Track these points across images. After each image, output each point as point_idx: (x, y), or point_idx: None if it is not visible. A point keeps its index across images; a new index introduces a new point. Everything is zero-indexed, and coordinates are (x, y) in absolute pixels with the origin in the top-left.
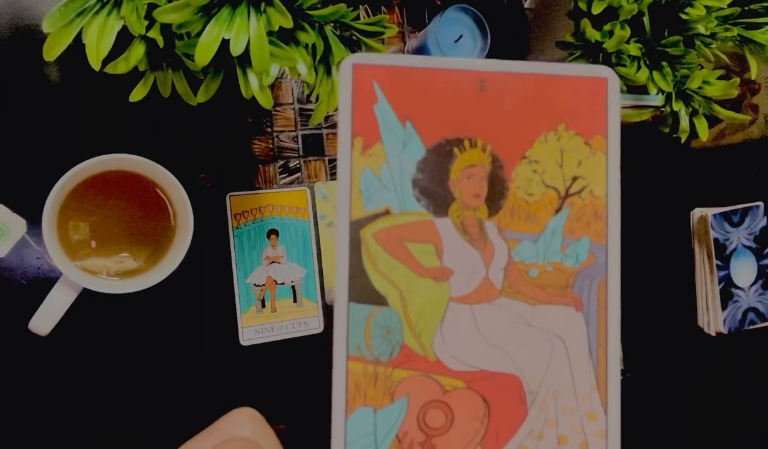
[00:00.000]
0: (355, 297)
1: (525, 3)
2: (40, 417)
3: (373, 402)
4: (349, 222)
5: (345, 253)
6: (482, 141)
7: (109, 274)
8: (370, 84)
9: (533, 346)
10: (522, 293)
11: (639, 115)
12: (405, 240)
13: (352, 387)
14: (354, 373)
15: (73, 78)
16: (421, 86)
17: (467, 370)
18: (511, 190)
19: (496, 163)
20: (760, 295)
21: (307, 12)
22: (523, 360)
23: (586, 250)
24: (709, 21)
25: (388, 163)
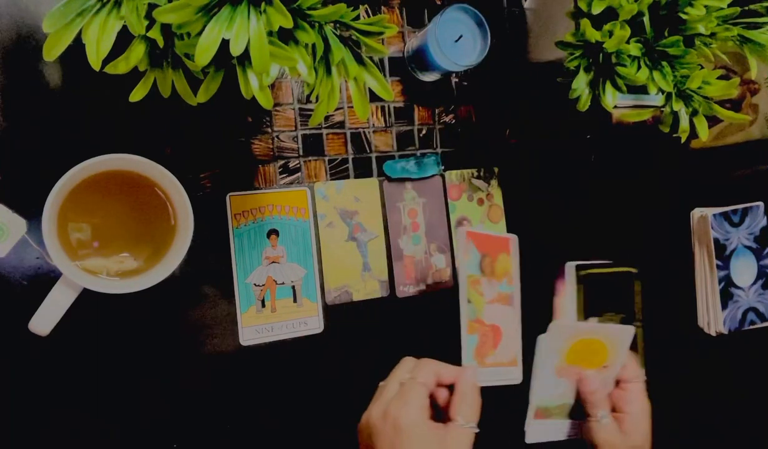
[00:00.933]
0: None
1: (525, 3)
2: (40, 417)
3: None
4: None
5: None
6: None
7: (109, 274)
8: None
9: None
10: None
11: (639, 115)
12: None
13: None
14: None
15: (73, 78)
16: None
17: None
18: None
19: None
20: (760, 295)
21: (307, 12)
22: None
23: None
24: (709, 21)
25: None
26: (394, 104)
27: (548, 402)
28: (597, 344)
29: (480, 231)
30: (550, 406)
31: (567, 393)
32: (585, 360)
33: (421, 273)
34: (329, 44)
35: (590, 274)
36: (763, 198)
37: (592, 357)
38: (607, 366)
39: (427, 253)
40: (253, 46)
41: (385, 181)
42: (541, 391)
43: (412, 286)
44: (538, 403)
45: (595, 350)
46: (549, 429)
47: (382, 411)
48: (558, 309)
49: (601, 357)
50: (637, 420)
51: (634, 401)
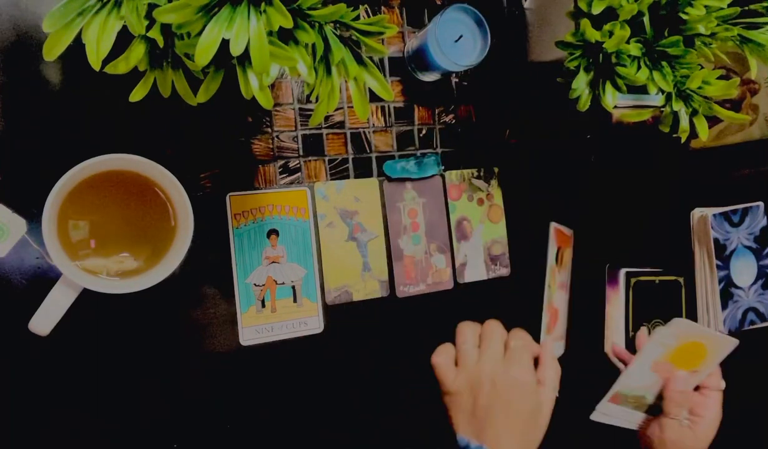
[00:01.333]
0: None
1: (525, 3)
2: (40, 417)
3: None
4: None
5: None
6: None
7: (109, 274)
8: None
9: None
10: None
11: (639, 115)
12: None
13: None
14: None
15: (73, 78)
16: None
17: None
18: None
19: None
20: (760, 295)
21: (307, 12)
22: None
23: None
24: (709, 21)
25: None
26: (394, 104)
27: (630, 390)
28: (701, 349)
29: (558, 227)
30: (629, 395)
31: (650, 387)
32: (682, 361)
33: (421, 273)
34: (329, 44)
35: (640, 282)
36: (763, 198)
37: (690, 359)
38: (697, 371)
39: (427, 253)
40: (253, 46)
41: (385, 181)
42: (629, 379)
43: (412, 286)
44: (620, 389)
45: (697, 354)
46: (615, 415)
47: (497, 370)
48: (609, 317)
49: (697, 361)
50: (709, 427)
51: (711, 408)
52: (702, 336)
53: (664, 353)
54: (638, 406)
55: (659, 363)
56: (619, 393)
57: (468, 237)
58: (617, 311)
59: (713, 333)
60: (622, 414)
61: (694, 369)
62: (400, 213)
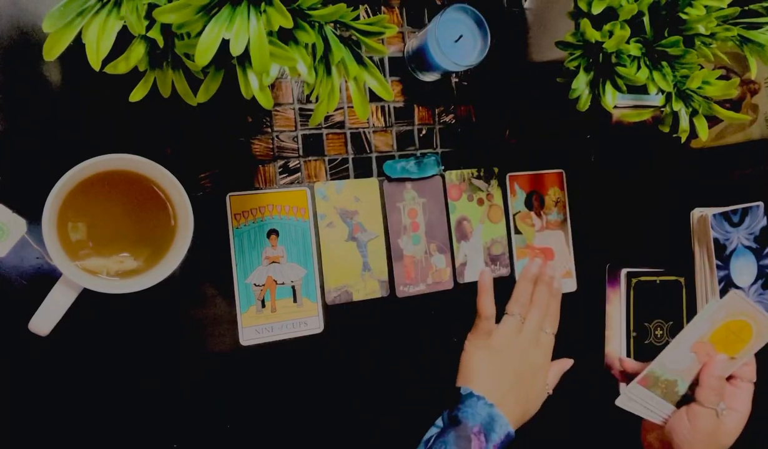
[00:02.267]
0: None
1: (525, 3)
2: (41, 417)
3: None
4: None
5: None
6: None
7: (109, 274)
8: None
9: None
10: None
11: (639, 115)
12: None
13: None
14: None
15: (73, 78)
16: None
17: None
18: None
19: None
20: (760, 295)
21: (307, 12)
22: None
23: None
24: (709, 21)
25: None
26: (394, 104)
27: (664, 371)
28: (746, 330)
29: (523, 173)
30: (661, 377)
31: (686, 371)
32: (724, 343)
33: (421, 273)
34: (329, 44)
35: (641, 282)
36: (763, 198)
37: (733, 342)
38: (735, 358)
39: (427, 253)
40: (253, 46)
41: (385, 181)
42: (667, 357)
43: (412, 286)
44: (655, 368)
45: (741, 336)
46: (642, 400)
47: (523, 353)
48: (609, 317)
49: (739, 345)
50: (740, 421)
51: (743, 401)
52: (753, 314)
53: (709, 330)
54: (667, 394)
55: (701, 343)
56: (651, 374)
57: (468, 238)
58: (618, 311)
59: (761, 314)
60: (649, 400)
61: (733, 356)
62: (400, 213)
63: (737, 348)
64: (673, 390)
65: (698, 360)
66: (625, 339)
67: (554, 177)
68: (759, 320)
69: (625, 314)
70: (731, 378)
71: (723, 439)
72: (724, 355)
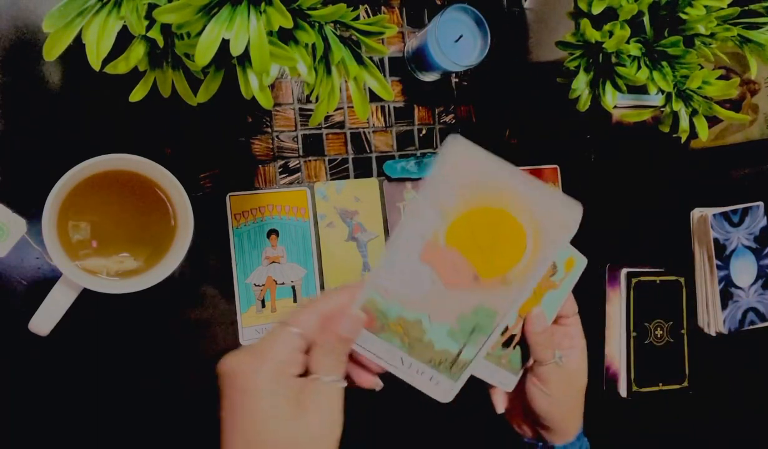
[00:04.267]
0: None
1: (525, 3)
2: (41, 417)
3: None
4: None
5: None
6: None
7: (109, 274)
8: None
9: None
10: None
11: (639, 115)
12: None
13: None
14: None
15: (73, 78)
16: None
17: None
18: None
19: None
20: (760, 295)
21: (307, 12)
22: None
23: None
24: (709, 21)
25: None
26: (394, 104)
27: (386, 303)
28: (504, 222)
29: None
30: (388, 313)
31: (427, 299)
32: (473, 248)
33: None
34: (329, 44)
35: (641, 282)
36: (763, 198)
37: (493, 240)
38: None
39: None
40: (253, 46)
41: (385, 181)
42: (381, 276)
43: None
44: (372, 295)
45: (506, 242)
46: (368, 351)
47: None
48: (609, 317)
49: (508, 260)
50: (581, 355)
51: (577, 335)
52: (504, 192)
53: (441, 224)
54: (413, 347)
55: (431, 244)
56: (371, 305)
57: None
58: (618, 311)
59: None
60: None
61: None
62: (400, 213)
63: (507, 264)
64: (415, 335)
65: (439, 276)
66: (625, 339)
67: (552, 174)
68: (533, 204)
69: (625, 314)
70: (559, 318)
71: (576, 382)
72: (537, 308)
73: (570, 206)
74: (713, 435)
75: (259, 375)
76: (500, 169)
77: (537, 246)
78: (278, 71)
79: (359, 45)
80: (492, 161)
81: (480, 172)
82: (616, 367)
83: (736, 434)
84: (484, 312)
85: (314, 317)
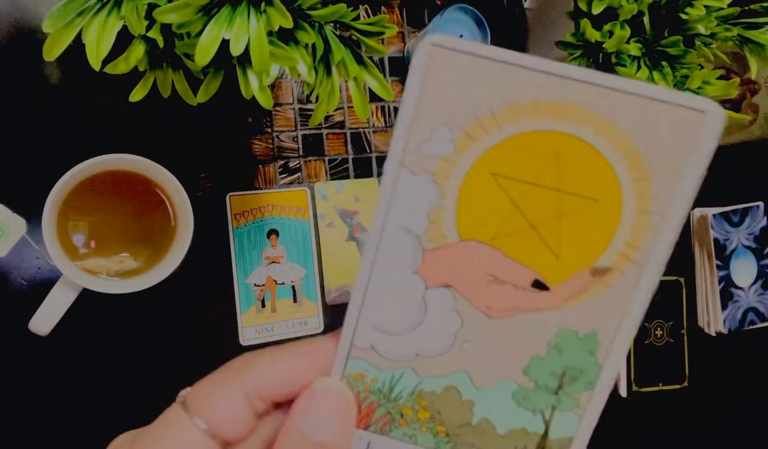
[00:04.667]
0: None
1: (525, 3)
2: (41, 417)
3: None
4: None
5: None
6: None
7: (109, 274)
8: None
9: None
10: None
11: None
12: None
13: None
14: None
15: (73, 78)
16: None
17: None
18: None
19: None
20: (760, 295)
21: (307, 12)
22: None
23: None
24: (709, 21)
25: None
26: (394, 104)
27: (380, 375)
28: (592, 165)
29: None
30: (383, 392)
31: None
32: (522, 225)
33: None
34: (329, 44)
35: None
36: (763, 198)
37: (551, 203)
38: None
39: None
40: (253, 46)
41: None
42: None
43: None
44: (358, 368)
45: (552, 175)
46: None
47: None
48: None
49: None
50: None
51: None
52: (545, 103)
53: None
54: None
55: (437, 251)
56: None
57: None
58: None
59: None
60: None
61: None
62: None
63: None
64: (455, 418)
65: (466, 299)
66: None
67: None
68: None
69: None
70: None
71: None
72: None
73: (692, 102)
74: (713, 435)
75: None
76: (526, 63)
77: (645, 192)
78: (278, 71)
79: (359, 45)
80: (505, 56)
81: (491, 80)
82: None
83: (736, 434)
84: (573, 342)
85: (238, 399)
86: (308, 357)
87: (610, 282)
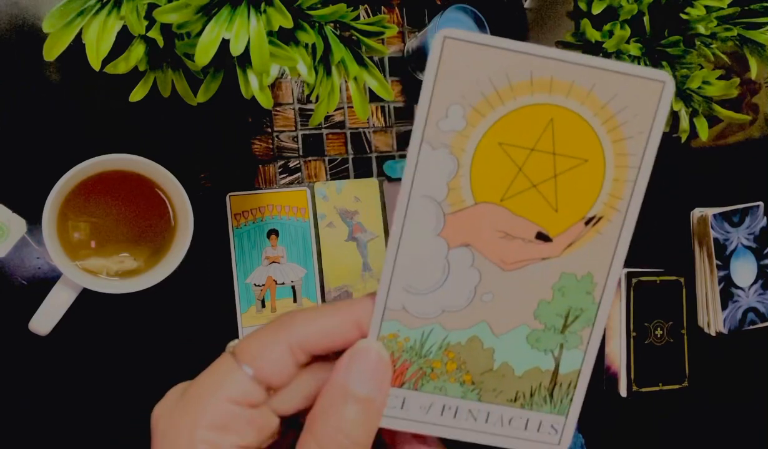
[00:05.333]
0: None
1: (525, 3)
2: (41, 417)
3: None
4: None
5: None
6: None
7: (109, 274)
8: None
9: None
10: None
11: None
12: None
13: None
14: None
15: (73, 78)
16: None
17: None
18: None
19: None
20: (760, 295)
21: (307, 12)
22: None
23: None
24: (709, 21)
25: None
26: (394, 104)
27: (413, 330)
28: (582, 133)
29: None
30: (416, 346)
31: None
32: (525, 185)
33: None
34: (329, 44)
35: (641, 282)
36: (763, 198)
37: (547, 164)
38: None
39: None
40: (253, 46)
41: (385, 181)
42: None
43: None
44: (392, 328)
45: (548, 141)
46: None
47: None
48: (609, 317)
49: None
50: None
51: None
52: (539, 79)
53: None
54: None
55: (460, 215)
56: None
57: None
58: (618, 311)
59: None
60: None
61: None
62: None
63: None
64: (479, 365)
65: (483, 255)
66: (625, 339)
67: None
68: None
69: (625, 314)
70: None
71: None
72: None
73: (653, 74)
74: (713, 435)
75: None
76: (522, 49)
77: (623, 150)
78: (278, 71)
79: (359, 45)
80: (505, 44)
81: (495, 64)
82: (616, 367)
83: (736, 434)
84: (573, 284)
85: (282, 349)
86: (347, 315)
87: (600, 229)
